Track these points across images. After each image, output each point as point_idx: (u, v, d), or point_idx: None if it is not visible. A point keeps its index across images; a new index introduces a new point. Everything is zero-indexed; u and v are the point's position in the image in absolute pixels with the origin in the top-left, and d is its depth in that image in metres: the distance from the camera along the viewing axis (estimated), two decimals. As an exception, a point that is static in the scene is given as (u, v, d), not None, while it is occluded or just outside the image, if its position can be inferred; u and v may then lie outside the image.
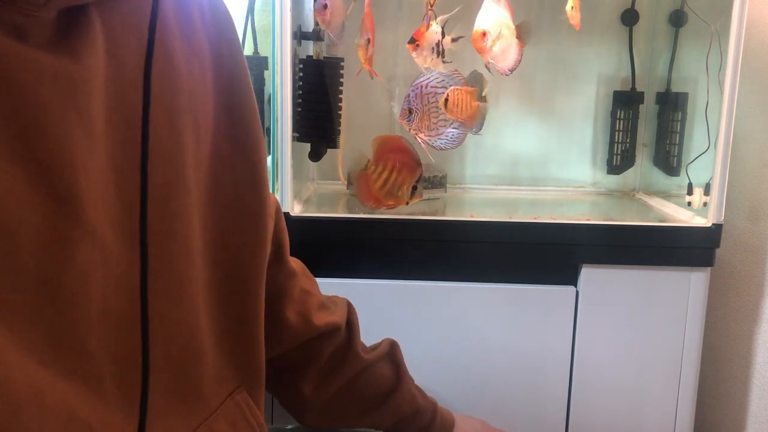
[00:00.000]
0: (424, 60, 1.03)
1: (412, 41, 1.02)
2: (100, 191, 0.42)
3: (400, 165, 1.04)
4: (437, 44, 1.03)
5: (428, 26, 1.02)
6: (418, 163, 1.06)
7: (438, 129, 1.06)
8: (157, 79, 0.47)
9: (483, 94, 1.11)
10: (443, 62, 1.05)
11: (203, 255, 0.52)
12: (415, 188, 1.05)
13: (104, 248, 0.43)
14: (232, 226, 0.55)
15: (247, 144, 0.56)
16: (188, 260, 0.50)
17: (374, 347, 0.81)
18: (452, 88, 1.05)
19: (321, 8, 1.00)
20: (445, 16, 1.04)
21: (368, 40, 1.01)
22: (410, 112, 1.04)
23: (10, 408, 0.36)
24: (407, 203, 1.06)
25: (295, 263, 0.73)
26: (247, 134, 0.56)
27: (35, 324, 0.38)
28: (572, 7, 1.06)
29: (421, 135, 1.06)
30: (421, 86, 1.04)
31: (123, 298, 0.44)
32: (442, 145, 1.07)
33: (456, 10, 1.05)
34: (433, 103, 1.04)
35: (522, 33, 1.07)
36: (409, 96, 1.05)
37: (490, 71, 1.07)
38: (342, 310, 0.77)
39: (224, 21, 0.56)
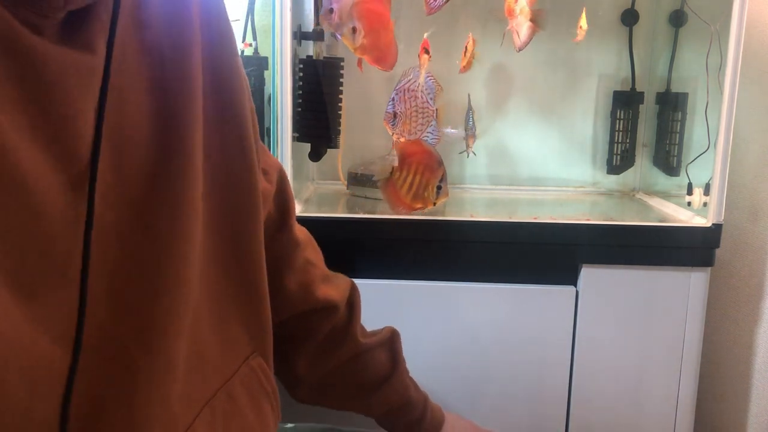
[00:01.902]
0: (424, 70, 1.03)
1: (427, 52, 1.03)
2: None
3: (423, 167, 1.04)
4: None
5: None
6: (440, 163, 1.05)
7: (416, 134, 1.06)
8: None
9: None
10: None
11: (204, 222, 0.53)
12: (439, 188, 1.05)
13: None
14: (225, 194, 0.56)
15: (231, 111, 0.57)
16: (192, 226, 0.51)
17: (374, 333, 0.81)
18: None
19: (327, 13, 0.99)
20: (426, 33, 1.04)
21: (353, 29, 0.99)
22: (395, 116, 1.03)
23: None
24: (434, 204, 1.06)
25: (300, 232, 0.73)
26: (232, 103, 0.57)
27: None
28: (579, 27, 1.12)
29: (403, 139, 1.06)
30: (404, 89, 1.04)
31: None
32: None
33: (431, 31, 1.05)
34: (413, 106, 1.04)
35: (538, 17, 1.08)
36: (393, 99, 1.05)
37: (502, 42, 1.08)
38: (344, 289, 0.77)
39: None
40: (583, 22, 1.14)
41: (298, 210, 1.08)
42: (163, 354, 0.47)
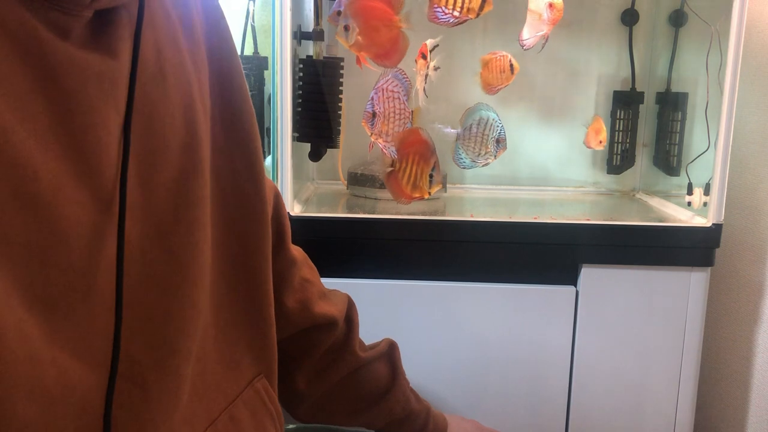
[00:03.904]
0: (421, 80, 1.02)
1: (423, 57, 1.02)
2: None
3: (418, 157, 1.03)
4: (427, 67, 1.03)
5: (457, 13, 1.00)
6: (432, 152, 1.04)
7: (393, 135, 1.04)
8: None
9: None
10: (425, 91, 1.05)
11: (214, 246, 0.53)
12: (431, 176, 1.04)
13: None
14: (235, 216, 0.56)
15: (241, 133, 0.57)
16: (206, 248, 0.51)
17: (373, 346, 0.81)
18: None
19: (334, 15, 0.98)
20: (434, 41, 1.03)
21: (345, 27, 0.98)
22: (374, 115, 1.02)
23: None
24: (429, 194, 1.05)
25: (296, 251, 0.73)
26: (240, 123, 0.57)
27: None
28: (600, 141, 1.20)
29: (381, 140, 1.05)
30: (383, 89, 1.03)
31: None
32: (392, 153, 1.06)
33: (440, 38, 1.04)
34: (391, 107, 1.03)
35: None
36: (372, 99, 1.03)
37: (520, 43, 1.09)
38: (342, 304, 0.77)
39: (213, 8, 0.57)
40: (603, 136, 1.18)
41: (298, 210, 1.08)
42: (173, 374, 0.47)
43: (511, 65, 1.07)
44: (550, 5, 1.03)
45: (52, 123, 0.38)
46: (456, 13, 0.99)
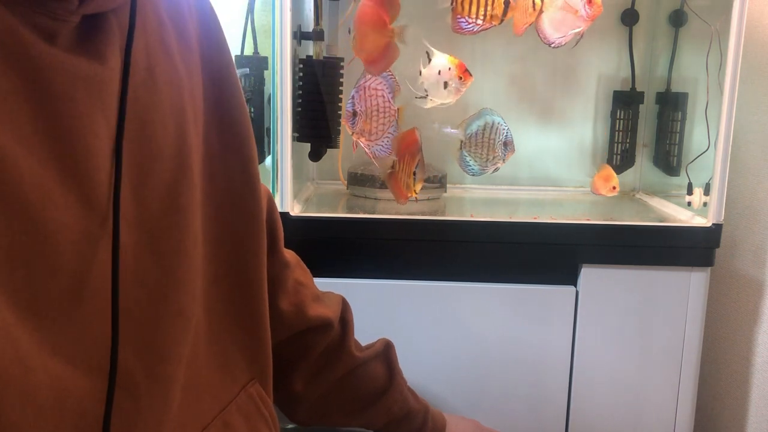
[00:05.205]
0: (458, 96, 1.03)
1: (470, 74, 1.02)
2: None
3: (409, 157, 1.03)
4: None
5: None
6: (419, 150, 1.04)
7: (377, 134, 1.04)
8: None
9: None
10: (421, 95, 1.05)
11: (205, 250, 0.53)
12: (414, 174, 1.04)
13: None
14: (228, 221, 0.56)
15: (236, 138, 0.57)
16: (196, 254, 0.51)
17: (368, 346, 0.81)
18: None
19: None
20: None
21: (349, 30, 0.98)
22: (354, 114, 1.02)
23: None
24: (416, 192, 1.05)
25: (289, 255, 0.73)
26: (235, 128, 0.57)
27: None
28: (612, 188, 1.21)
29: (362, 140, 1.04)
30: (365, 87, 1.02)
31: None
32: (376, 152, 1.06)
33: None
34: (374, 105, 1.03)
35: None
36: (353, 97, 1.03)
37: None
38: (336, 305, 0.77)
39: (207, 12, 0.57)
40: (616, 182, 1.19)
41: (298, 210, 1.08)
42: (164, 381, 0.47)
43: (533, 3, 1.04)
44: (589, 1, 1.01)
45: (38, 127, 0.37)
46: (480, 21, 0.98)
